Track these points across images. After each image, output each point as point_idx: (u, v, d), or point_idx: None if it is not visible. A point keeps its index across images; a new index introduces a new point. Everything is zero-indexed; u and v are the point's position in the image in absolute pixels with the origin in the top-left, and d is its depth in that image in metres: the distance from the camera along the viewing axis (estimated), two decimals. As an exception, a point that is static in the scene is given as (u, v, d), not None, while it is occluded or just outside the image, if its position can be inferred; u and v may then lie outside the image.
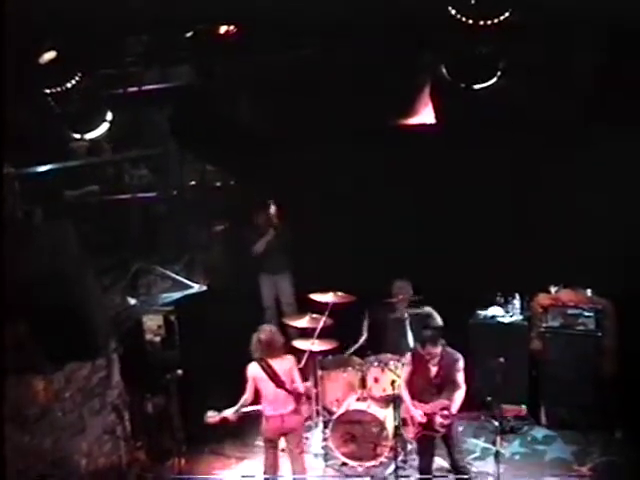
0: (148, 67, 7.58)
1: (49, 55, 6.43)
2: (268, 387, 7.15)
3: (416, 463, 7.88)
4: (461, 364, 7.17)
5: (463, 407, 7.24)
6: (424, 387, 7.19)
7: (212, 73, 7.65)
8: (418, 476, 7.45)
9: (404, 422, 7.54)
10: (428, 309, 8.61)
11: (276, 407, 7.19)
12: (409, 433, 7.50)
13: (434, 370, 7.13)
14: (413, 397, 7.23)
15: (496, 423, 6.75)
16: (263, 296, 10.01)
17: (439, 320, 8.53)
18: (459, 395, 7.10)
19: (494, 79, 6.65)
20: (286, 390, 7.17)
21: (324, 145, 8.96)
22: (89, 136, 7.48)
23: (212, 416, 7.27)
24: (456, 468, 7.28)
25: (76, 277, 7.45)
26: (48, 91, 6.69)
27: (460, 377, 7.15)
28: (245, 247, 9.88)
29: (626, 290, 8.30)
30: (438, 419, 7.02)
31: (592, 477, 7.59)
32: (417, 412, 7.10)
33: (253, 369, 7.20)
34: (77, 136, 7.49)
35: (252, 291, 9.98)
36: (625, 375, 8.29)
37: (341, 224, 9.56)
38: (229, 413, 7.24)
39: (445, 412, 7.01)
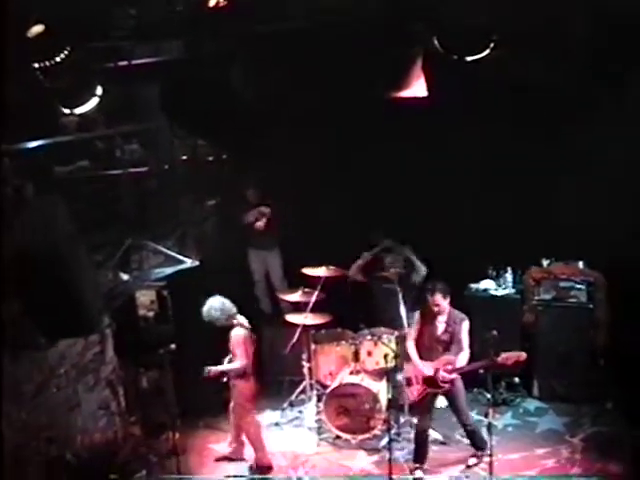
0: (138, 41, 7.50)
1: (37, 28, 6.34)
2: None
3: (410, 436, 7.99)
4: (466, 325, 7.33)
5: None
6: (431, 345, 7.39)
7: (203, 47, 7.58)
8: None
9: (408, 382, 7.60)
10: (408, 252, 8.61)
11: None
12: (412, 393, 7.54)
13: (441, 328, 7.34)
14: (420, 356, 7.42)
15: (488, 395, 6.78)
16: (253, 271, 10.01)
17: (423, 270, 8.56)
18: (463, 356, 7.24)
19: (487, 51, 6.60)
20: None
21: (316, 118, 8.91)
22: (79, 111, 7.41)
23: (210, 370, 7.43)
24: (463, 424, 7.48)
25: (68, 253, 7.42)
26: (37, 65, 6.61)
27: (465, 339, 7.30)
28: (237, 221, 9.86)
29: (617, 262, 8.34)
30: (442, 374, 7.19)
31: (583, 448, 7.66)
32: (426, 365, 7.28)
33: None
34: (67, 111, 7.42)
35: (244, 265, 9.98)
36: (616, 347, 8.35)
37: (334, 197, 9.54)
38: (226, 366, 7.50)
39: (449, 367, 7.17)
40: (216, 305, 7.54)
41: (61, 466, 6.94)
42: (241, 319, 7.59)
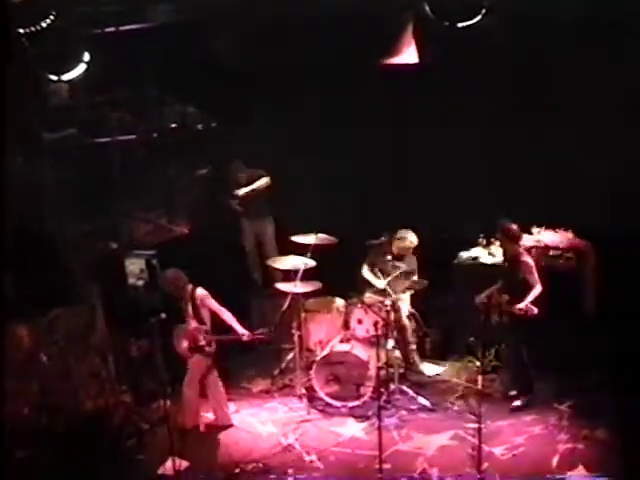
0: (125, 6, 7.40)
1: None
2: None
3: (399, 403, 8.05)
4: None
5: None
6: None
7: (192, 12, 7.50)
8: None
9: None
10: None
11: None
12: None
13: None
14: None
15: (478, 363, 6.82)
16: (245, 240, 9.99)
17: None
18: None
19: (478, 17, 6.55)
20: None
21: (306, 85, 8.85)
22: (66, 77, 7.34)
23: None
24: None
25: (57, 222, 7.42)
26: (22, 31, 6.53)
27: None
28: (227, 190, 9.83)
29: (606, 231, 8.37)
30: None
31: (570, 415, 7.73)
32: None
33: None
34: (54, 77, 7.35)
35: (234, 234, 9.95)
36: (603, 315, 8.40)
37: (323, 166, 9.50)
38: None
39: None
40: (170, 276, 7.64)
41: (51, 434, 6.97)
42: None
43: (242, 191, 9.66)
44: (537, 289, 7.60)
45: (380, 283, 8.29)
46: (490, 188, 9.01)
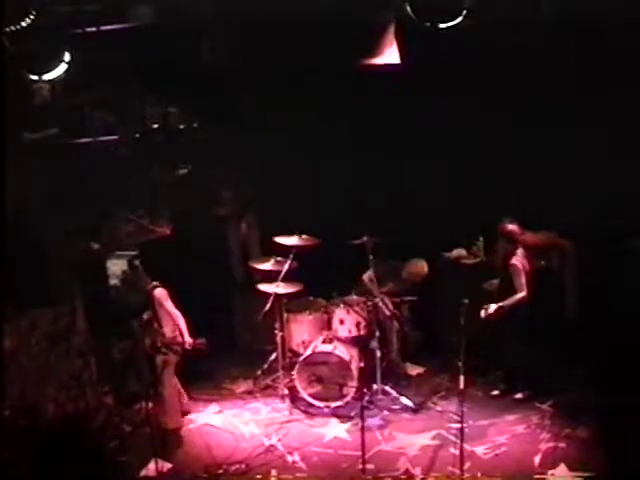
0: (107, 6, 7.36)
1: (2, -8, 6.20)
2: None
3: (382, 403, 8.06)
4: None
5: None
6: None
7: (173, 12, 7.46)
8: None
9: None
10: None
11: None
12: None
13: None
14: None
15: (460, 363, 6.84)
16: (229, 240, 9.99)
17: None
18: None
19: (460, 18, 6.56)
20: None
21: (288, 86, 8.83)
22: (47, 77, 7.28)
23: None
24: None
25: (38, 222, 7.36)
26: (2, 30, 6.47)
27: None
28: (210, 190, 9.81)
29: (587, 232, 8.42)
30: None
31: (552, 414, 7.77)
32: None
33: None
34: (35, 77, 7.29)
35: (216, 235, 9.93)
36: (585, 314, 8.45)
37: (306, 167, 9.50)
38: None
39: None
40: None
41: (32, 437, 6.92)
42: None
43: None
44: (520, 295, 7.67)
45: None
46: (473, 188, 9.03)
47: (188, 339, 7.53)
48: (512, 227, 7.82)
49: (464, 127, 9.06)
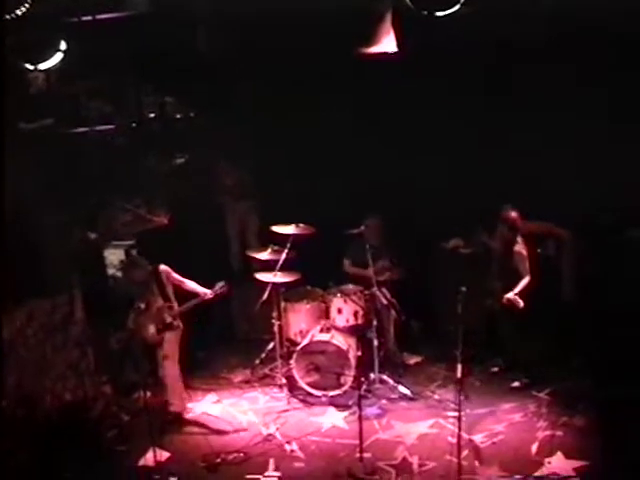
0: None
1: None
2: None
3: (380, 392, 8.07)
4: None
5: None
6: None
7: (169, 1, 7.43)
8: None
9: None
10: None
11: None
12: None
13: None
14: None
15: (457, 351, 6.84)
16: (228, 229, 10.00)
17: None
18: None
19: (457, 6, 6.53)
20: None
21: (284, 75, 8.80)
22: (42, 66, 7.25)
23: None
24: None
25: (35, 212, 7.35)
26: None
27: None
28: (207, 179, 9.81)
29: (586, 222, 8.43)
30: None
31: (549, 402, 7.79)
32: None
33: None
34: (30, 66, 7.26)
35: (214, 224, 9.93)
36: (583, 303, 8.46)
37: (303, 155, 9.48)
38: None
39: None
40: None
41: (31, 427, 6.93)
42: None
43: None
44: (525, 280, 7.70)
45: (369, 271, 8.24)
46: (472, 177, 9.01)
47: (205, 290, 7.67)
48: (514, 214, 7.86)
49: (462, 117, 9.04)
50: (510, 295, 7.63)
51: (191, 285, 7.78)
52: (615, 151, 8.23)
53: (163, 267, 7.71)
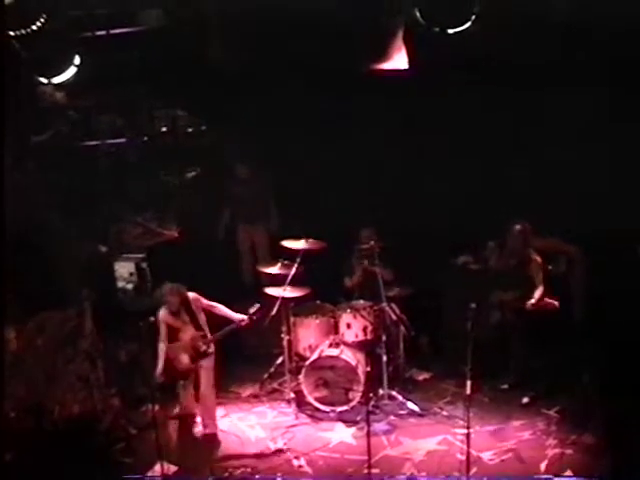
0: (116, 10, 7.40)
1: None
2: None
3: (388, 408, 8.04)
4: None
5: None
6: None
7: (182, 15, 7.50)
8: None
9: None
10: None
11: None
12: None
13: None
14: None
15: (467, 368, 6.82)
16: (239, 244, 10.02)
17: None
18: None
19: (468, 24, 6.57)
20: None
21: (297, 89, 8.85)
22: (56, 80, 7.33)
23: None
24: None
25: (46, 225, 7.39)
26: (13, 33, 6.51)
27: None
28: (218, 193, 9.85)
29: (594, 237, 8.41)
30: None
31: (559, 420, 7.75)
32: None
33: None
34: (44, 80, 7.33)
35: (224, 238, 9.95)
36: (592, 320, 8.43)
37: (313, 170, 9.51)
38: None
39: None
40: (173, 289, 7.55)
41: (39, 438, 6.93)
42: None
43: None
44: (541, 289, 7.77)
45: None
46: (480, 193, 9.02)
47: (240, 316, 7.63)
48: (525, 228, 7.89)
49: (470, 131, 9.06)
50: (534, 300, 7.63)
51: (223, 310, 7.69)
52: (627, 167, 8.23)
53: (192, 295, 7.60)
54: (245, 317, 7.63)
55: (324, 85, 8.77)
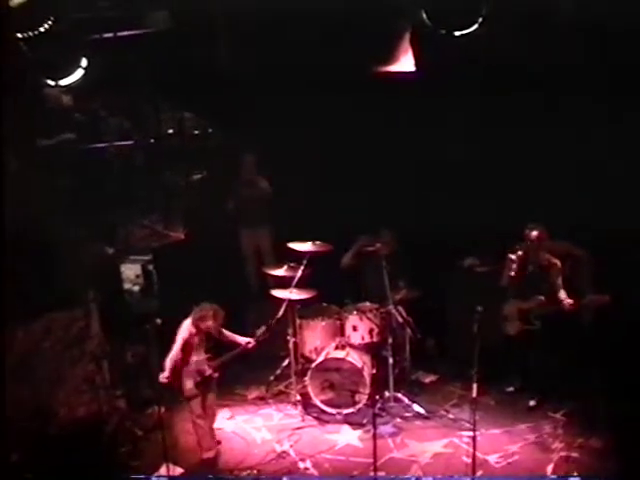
0: (123, 12, 7.42)
1: (20, -2, 6.26)
2: None
3: (394, 410, 8.03)
4: None
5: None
6: None
7: (188, 18, 7.52)
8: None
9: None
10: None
11: None
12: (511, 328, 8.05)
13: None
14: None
15: (473, 371, 6.81)
16: (243, 246, 10.02)
17: None
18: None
19: (475, 26, 6.56)
20: None
21: (303, 92, 8.85)
22: (64, 82, 7.34)
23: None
24: None
25: (52, 227, 7.41)
26: (20, 36, 6.53)
27: None
28: (223, 195, 9.85)
29: (602, 239, 8.39)
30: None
31: (565, 423, 7.73)
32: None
33: None
34: (51, 82, 7.35)
35: (230, 240, 9.95)
36: (600, 323, 8.40)
37: (321, 172, 9.51)
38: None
39: None
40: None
41: (45, 440, 6.94)
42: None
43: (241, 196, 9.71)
44: (563, 291, 7.80)
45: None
46: (487, 195, 9.01)
47: (248, 340, 7.54)
48: (542, 234, 7.89)
49: (477, 133, 9.05)
50: (570, 300, 7.69)
51: (230, 336, 7.57)
52: (634, 168, 8.20)
53: (211, 323, 7.39)
54: (251, 340, 7.57)
55: (331, 88, 8.78)
